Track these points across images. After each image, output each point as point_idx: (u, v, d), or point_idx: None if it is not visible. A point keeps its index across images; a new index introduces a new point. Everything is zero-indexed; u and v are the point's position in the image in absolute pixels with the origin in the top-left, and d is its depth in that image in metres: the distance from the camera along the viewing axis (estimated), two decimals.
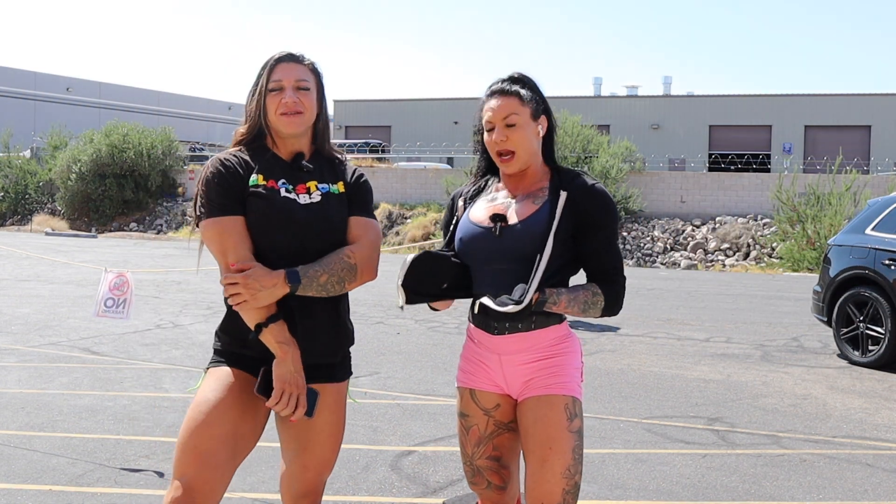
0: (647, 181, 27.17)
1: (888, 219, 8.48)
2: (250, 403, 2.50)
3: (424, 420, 5.79)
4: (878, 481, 4.68)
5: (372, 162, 34.00)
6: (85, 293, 12.63)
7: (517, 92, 2.63)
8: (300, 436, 2.61)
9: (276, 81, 2.55)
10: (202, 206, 2.50)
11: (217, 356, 2.61)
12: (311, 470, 2.64)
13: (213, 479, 2.36)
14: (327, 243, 2.54)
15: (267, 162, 2.57)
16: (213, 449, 2.38)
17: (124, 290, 5.99)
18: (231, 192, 2.49)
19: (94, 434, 5.24)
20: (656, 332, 10.13)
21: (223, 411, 2.43)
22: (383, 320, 10.65)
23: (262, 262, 2.47)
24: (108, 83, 56.01)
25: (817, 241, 20.91)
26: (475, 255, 2.63)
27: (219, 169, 2.51)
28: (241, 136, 2.64)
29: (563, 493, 2.51)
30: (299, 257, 2.49)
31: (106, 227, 31.93)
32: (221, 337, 2.63)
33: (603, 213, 2.60)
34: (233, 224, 2.47)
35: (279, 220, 2.50)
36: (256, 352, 2.52)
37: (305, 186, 2.57)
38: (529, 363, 2.61)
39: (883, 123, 39.90)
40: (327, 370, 2.60)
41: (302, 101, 2.55)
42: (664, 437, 5.51)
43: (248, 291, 2.39)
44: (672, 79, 54.04)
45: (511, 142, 2.60)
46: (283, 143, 2.61)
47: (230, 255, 2.45)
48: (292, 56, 2.60)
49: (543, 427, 2.53)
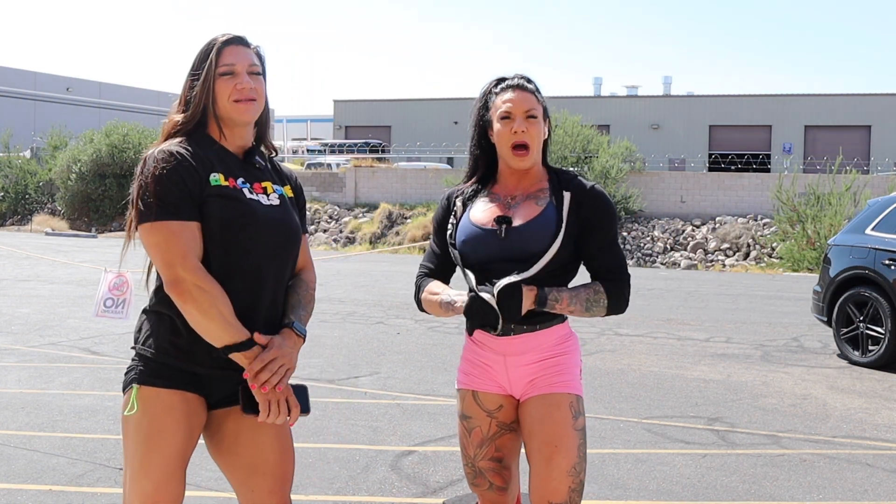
0: (647, 181, 27.17)
1: (888, 219, 8.48)
2: (198, 426, 2.33)
3: (424, 420, 5.79)
4: (878, 481, 4.68)
5: (372, 162, 33.99)
6: (85, 293, 12.63)
7: (534, 90, 2.65)
8: (255, 460, 2.35)
9: (227, 66, 2.32)
10: (147, 205, 2.21)
11: (148, 369, 2.30)
12: (277, 493, 2.38)
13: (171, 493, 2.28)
14: (290, 247, 2.40)
15: (220, 158, 2.33)
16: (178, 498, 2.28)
17: (124, 290, 5.99)
18: (186, 193, 2.22)
19: (94, 434, 5.24)
20: (656, 332, 10.13)
21: (181, 454, 2.27)
22: (383, 320, 10.65)
23: (218, 267, 2.25)
24: (108, 83, 56.05)
25: (817, 241, 20.91)
26: (479, 257, 2.61)
27: (174, 165, 2.22)
28: (177, 126, 2.36)
29: (569, 490, 2.51)
30: (268, 262, 2.33)
31: (106, 227, 31.93)
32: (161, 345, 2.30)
33: (604, 214, 2.61)
34: (180, 230, 2.20)
35: (248, 224, 2.28)
36: (206, 367, 2.30)
37: (262, 186, 2.37)
38: (533, 363, 2.61)
39: (883, 123, 39.91)
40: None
41: (256, 87, 2.35)
42: (664, 437, 5.51)
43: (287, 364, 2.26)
44: (672, 79, 54.11)
45: (529, 134, 2.59)
46: (232, 133, 2.37)
47: (178, 269, 2.18)
48: (240, 39, 2.38)
49: (550, 425, 2.54)
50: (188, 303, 2.19)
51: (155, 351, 2.30)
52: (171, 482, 2.25)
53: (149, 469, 2.24)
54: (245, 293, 2.29)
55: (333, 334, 9.41)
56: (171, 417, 2.25)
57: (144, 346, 2.32)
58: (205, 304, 2.18)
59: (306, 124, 52.97)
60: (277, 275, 2.37)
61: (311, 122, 53.54)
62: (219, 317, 2.19)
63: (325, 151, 40.64)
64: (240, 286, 2.28)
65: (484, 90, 2.72)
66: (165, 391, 2.26)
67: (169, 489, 2.25)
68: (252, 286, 2.31)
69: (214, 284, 2.21)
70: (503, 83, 2.68)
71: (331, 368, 7.51)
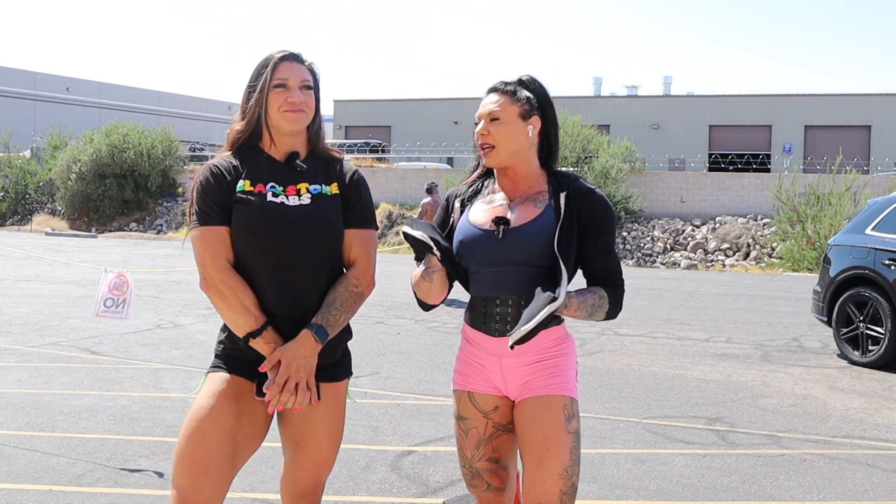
0: (647, 181, 27.16)
1: (888, 219, 8.48)
2: (247, 408, 2.50)
3: (424, 420, 5.79)
4: (878, 481, 4.68)
5: (372, 162, 33.99)
6: (85, 293, 12.63)
7: (511, 91, 2.65)
8: (298, 435, 2.60)
9: (281, 79, 2.53)
10: (191, 213, 2.54)
11: (217, 360, 2.61)
12: (308, 470, 2.61)
13: (207, 487, 2.39)
14: (319, 246, 2.53)
15: (258, 165, 2.56)
16: (208, 458, 2.40)
17: (124, 290, 5.99)
18: (213, 201, 2.49)
19: (94, 434, 5.24)
20: (656, 332, 10.13)
21: (216, 419, 2.43)
22: (383, 320, 10.65)
23: (251, 267, 2.49)
24: (108, 83, 55.99)
25: (817, 241, 20.90)
26: (476, 258, 2.62)
27: (207, 177, 2.53)
28: (237, 134, 2.60)
29: (560, 494, 2.50)
30: (291, 261, 2.49)
31: (106, 227, 31.91)
32: (223, 339, 2.62)
33: (604, 217, 2.61)
34: (210, 234, 2.48)
35: (264, 225, 2.48)
36: (254, 354, 2.50)
37: (296, 188, 2.55)
38: (529, 365, 2.60)
39: (883, 123, 39.90)
40: (325, 370, 2.56)
41: (306, 101, 2.55)
42: (664, 437, 5.51)
43: (298, 374, 2.43)
44: (672, 79, 54.05)
45: (492, 136, 2.61)
46: (281, 141, 2.58)
47: (209, 268, 2.46)
48: (295, 56, 2.59)
49: (541, 428, 2.53)
50: (216, 297, 2.46)
51: (219, 344, 2.62)
52: (209, 466, 2.40)
53: (191, 446, 2.41)
54: (270, 291, 2.49)
55: None
56: (222, 399, 2.48)
57: (216, 344, 2.65)
58: (229, 296, 2.44)
59: None
60: (307, 272, 2.51)
61: None
62: (241, 308, 2.44)
63: None
64: (265, 284, 2.49)
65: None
66: (220, 375, 2.54)
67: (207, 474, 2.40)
68: (275, 284, 2.49)
69: (238, 280, 2.47)
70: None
71: None
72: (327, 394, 2.57)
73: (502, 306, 2.61)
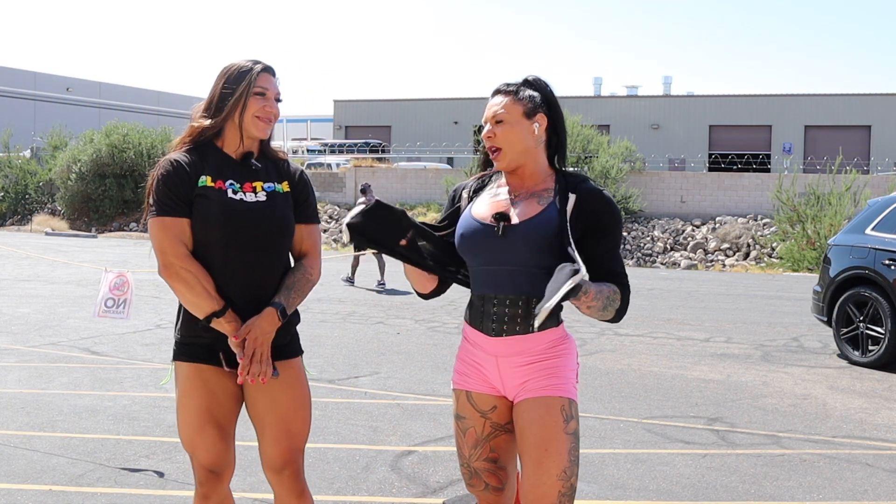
0: (647, 181, 27.16)
1: (888, 219, 8.48)
2: (220, 387, 2.75)
3: (424, 420, 5.79)
4: (878, 481, 4.68)
5: (372, 162, 33.98)
6: (85, 293, 12.63)
7: (514, 91, 2.65)
8: (265, 412, 2.77)
9: (262, 87, 2.74)
10: (150, 203, 2.70)
11: (176, 350, 2.80)
12: (283, 442, 2.77)
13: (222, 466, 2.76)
14: (274, 239, 2.75)
15: (216, 163, 2.75)
16: (214, 447, 2.74)
17: (124, 290, 5.99)
18: (176, 193, 2.66)
19: (94, 434, 5.24)
20: (656, 332, 10.13)
21: (205, 411, 2.73)
22: (383, 320, 10.65)
23: (210, 256, 2.68)
24: (108, 83, 56.00)
25: (817, 241, 20.90)
26: (475, 251, 2.62)
27: (168, 170, 2.69)
28: (203, 130, 2.76)
29: (558, 495, 2.49)
30: (249, 252, 2.70)
31: (106, 227, 31.91)
32: (179, 329, 2.80)
33: (611, 218, 2.60)
34: (170, 223, 2.65)
35: (225, 219, 2.67)
36: (209, 338, 2.71)
37: (252, 185, 2.76)
38: (526, 365, 2.59)
39: (883, 123, 39.90)
40: (279, 349, 2.75)
41: (277, 112, 2.80)
42: (664, 437, 5.51)
43: (263, 346, 2.65)
44: (672, 79, 54.11)
45: (497, 138, 2.62)
46: (236, 146, 2.78)
47: (169, 255, 2.64)
48: (272, 69, 2.81)
49: (539, 429, 2.52)
50: (177, 282, 2.64)
51: (177, 334, 2.80)
52: (202, 433, 2.74)
53: (183, 424, 2.76)
54: (229, 278, 2.69)
55: (333, 334, 9.41)
56: (191, 384, 2.74)
57: (175, 331, 2.83)
58: (191, 281, 2.63)
59: (306, 124, 52.92)
60: (263, 262, 2.73)
61: (311, 122, 53.51)
62: (203, 291, 2.63)
63: (325, 151, 40.57)
64: (224, 272, 2.69)
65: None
66: (185, 364, 2.76)
67: (202, 438, 2.74)
68: (234, 272, 2.70)
69: (198, 267, 2.66)
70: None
71: (331, 368, 7.51)
72: (285, 369, 2.77)
73: (499, 306, 2.59)
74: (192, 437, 2.75)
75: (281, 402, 2.77)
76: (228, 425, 2.79)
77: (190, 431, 2.75)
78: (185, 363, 2.77)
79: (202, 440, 2.74)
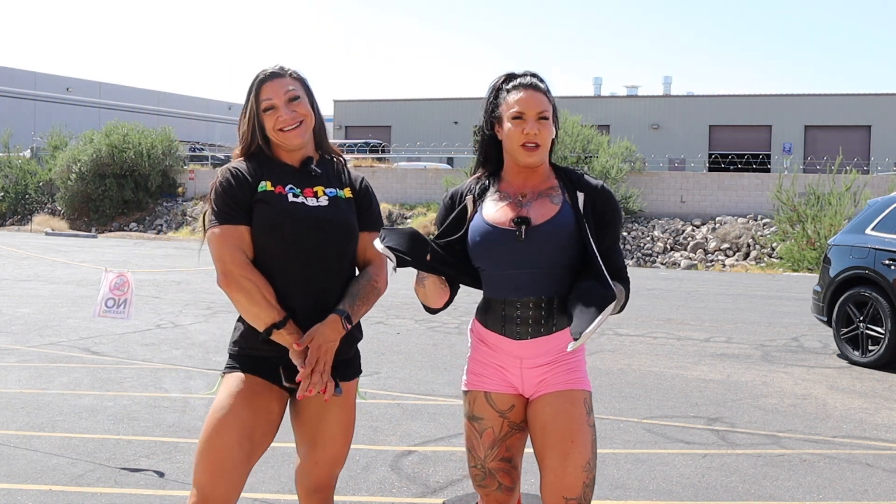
0: (647, 181, 27.17)
1: (888, 219, 8.48)
2: (262, 406, 2.58)
3: (424, 420, 5.79)
4: (878, 481, 4.68)
5: (372, 162, 33.99)
6: (85, 293, 12.63)
7: (547, 91, 2.65)
8: (313, 432, 2.67)
9: (266, 101, 2.62)
10: (209, 213, 2.60)
11: (231, 360, 2.67)
12: (322, 466, 2.70)
13: (225, 484, 2.49)
14: (338, 245, 2.63)
15: (275, 169, 2.64)
16: (226, 456, 2.49)
17: (125, 290, 5.99)
18: (234, 201, 2.56)
19: (94, 434, 5.24)
20: (656, 332, 10.13)
21: (234, 417, 2.52)
22: (383, 320, 10.65)
23: (272, 265, 2.56)
24: (108, 83, 55.99)
25: (817, 241, 20.91)
26: (493, 258, 2.60)
27: (227, 178, 2.60)
28: (237, 157, 2.71)
29: (583, 486, 2.52)
30: (313, 259, 2.58)
31: (106, 227, 31.92)
32: (237, 339, 2.68)
33: (614, 213, 2.65)
34: (230, 232, 2.55)
35: (286, 224, 2.56)
36: (269, 352, 2.58)
37: (313, 190, 2.65)
38: (546, 364, 2.62)
39: (883, 123, 39.89)
40: (339, 367, 2.63)
41: (298, 112, 2.63)
42: (664, 437, 5.51)
43: (326, 356, 2.52)
44: (672, 79, 54.14)
45: (541, 136, 2.60)
46: (291, 153, 2.67)
47: (228, 263, 2.52)
48: (274, 73, 2.66)
49: (565, 421, 2.54)
50: (237, 292, 2.51)
51: (233, 345, 2.68)
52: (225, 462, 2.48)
53: (210, 433, 2.50)
54: (291, 286, 2.57)
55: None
56: (235, 392, 2.56)
57: (230, 344, 2.71)
58: (251, 290, 2.50)
59: None
60: (326, 268, 2.61)
61: None
62: (263, 301, 2.50)
63: None
64: (285, 280, 2.56)
65: (494, 85, 2.69)
66: (235, 375, 2.61)
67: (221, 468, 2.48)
68: (296, 279, 2.57)
69: (259, 276, 2.53)
70: (515, 80, 2.65)
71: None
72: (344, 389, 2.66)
73: (523, 309, 2.59)
74: (207, 440, 2.50)
75: (331, 425, 2.67)
76: (254, 457, 2.56)
77: (209, 430, 2.51)
78: (236, 374, 2.61)
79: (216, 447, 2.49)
